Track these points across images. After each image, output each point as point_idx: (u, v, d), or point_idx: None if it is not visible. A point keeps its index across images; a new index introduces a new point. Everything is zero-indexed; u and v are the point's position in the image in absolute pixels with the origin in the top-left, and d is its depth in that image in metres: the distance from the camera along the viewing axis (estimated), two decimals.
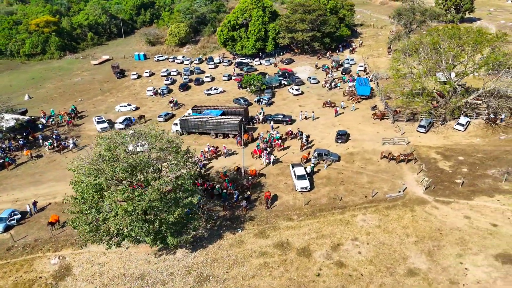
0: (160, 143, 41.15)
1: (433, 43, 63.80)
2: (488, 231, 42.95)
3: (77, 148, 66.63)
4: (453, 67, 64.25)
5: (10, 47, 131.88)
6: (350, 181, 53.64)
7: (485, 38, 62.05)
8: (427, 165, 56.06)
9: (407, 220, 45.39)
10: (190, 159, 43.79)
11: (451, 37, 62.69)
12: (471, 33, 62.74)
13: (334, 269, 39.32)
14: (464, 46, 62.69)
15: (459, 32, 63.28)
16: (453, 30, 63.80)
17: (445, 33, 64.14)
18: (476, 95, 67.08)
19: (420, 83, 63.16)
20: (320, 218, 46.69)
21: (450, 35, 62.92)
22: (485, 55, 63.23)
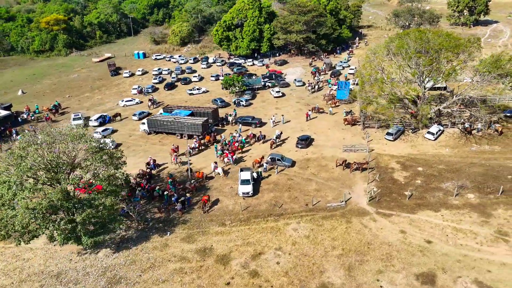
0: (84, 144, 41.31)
1: (399, 47, 60.97)
2: (420, 247, 40.62)
3: None
4: (421, 73, 61.21)
5: (21, 43, 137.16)
6: (297, 188, 52.20)
7: (453, 43, 58.62)
8: (382, 174, 53.81)
9: (339, 231, 43.64)
10: (117, 160, 43.77)
11: (418, 41, 59.59)
12: (439, 37, 59.42)
13: (246, 278, 38.31)
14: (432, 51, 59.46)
15: (426, 36, 60.06)
16: (420, 34, 60.63)
17: (413, 36, 61.09)
18: (449, 103, 63.70)
19: (382, 88, 60.44)
20: (252, 225, 45.67)
21: (417, 38, 59.83)
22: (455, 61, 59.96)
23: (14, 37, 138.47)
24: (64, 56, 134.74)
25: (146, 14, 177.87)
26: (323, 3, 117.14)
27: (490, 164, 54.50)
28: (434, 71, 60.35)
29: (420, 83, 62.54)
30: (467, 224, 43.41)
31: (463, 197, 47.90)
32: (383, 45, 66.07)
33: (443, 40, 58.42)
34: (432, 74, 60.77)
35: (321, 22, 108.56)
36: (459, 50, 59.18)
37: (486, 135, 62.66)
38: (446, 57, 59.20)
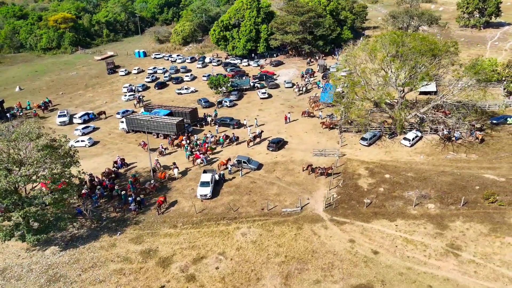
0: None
1: (372, 50, 59.13)
2: (365, 258, 39.29)
3: None
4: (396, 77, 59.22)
5: (30, 41, 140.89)
6: (258, 191, 51.47)
7: (427, 47, 56.39)
8: (347, 180, 52.46)
9: (287, 238, 42.72)
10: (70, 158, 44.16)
11: (392, 44, 57.64)
12: (414, 41, 57.27)
13: (182, 282, 37.97)
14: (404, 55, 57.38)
15: (401, 39, 58.01)
16: (395, 37, 58.61)
17: (387, 39, 59.13)
18: (426, 109, 61.47)
19: (355, 92, 58.77)
20: (203, 228, 45.28)
21: (391, 41, 57.88)
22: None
23: (23, 35, 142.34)
24: (69, 54, 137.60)
25: (156, 13, 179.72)
26: (323, 3, 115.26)
27: (461, 174, 52.26)
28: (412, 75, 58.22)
29: (396, 87, 60.51)
30: (420, 235, 41.71)
31: (422, 207, 46.09)
32: (360, 48, 64.30)
33: (417, 44, 56.26)
34: (406, 79, 58.68)
35: (318, 22, 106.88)
36: (434, 54, 56.86)
37: (466, 142, 60.16)
38: (419, 61, 56.97)
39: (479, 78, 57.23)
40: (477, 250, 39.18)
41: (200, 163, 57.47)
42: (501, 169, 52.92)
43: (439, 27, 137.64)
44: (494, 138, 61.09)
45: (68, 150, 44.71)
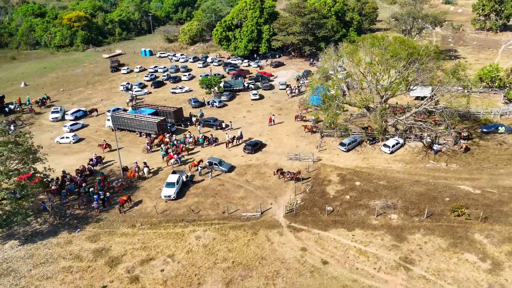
0: None
1: (350, 53, 57.33)
2: (312, 268, 38.13)
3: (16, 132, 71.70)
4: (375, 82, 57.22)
5: (44, 38, 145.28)
6: (224, 194, 50.95)
7: (406, 51, 54.11)
8: (316, 186, 51.21)
9: (240, 243, 42.01)
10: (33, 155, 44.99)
11: (370, 48, 55.71)
12: (393, 45, 55.07)
13: (124, 283, 37.92)
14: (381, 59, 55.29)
15: (379, 42, 55.94)
16: (373, 40, 56.61)
17: (366, 43, 57.20)
18: (410, 114, 59.20)
19: (328, 97, 57.16)
20: (160, 229, 45.16)
21: (371, 45, 55.94)
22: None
23: (39, 32, 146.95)
24: (81, 51, 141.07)
25: (171, 12, 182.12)
26: (328, 4, 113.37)
27: (435, 184, 50.01)
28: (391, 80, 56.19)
29: (377, 92, 58.51)
30: (375, 247, 40.12)
31: (385, 217, 44.34)
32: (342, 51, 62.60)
33: (395, 48, 54.12)
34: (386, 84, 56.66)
35: (321, 24, 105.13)
36: (414, 59, 54.65)
37: (450, 151, 57.62)
38: (395, 66, 54.82)
39: (462, 84, 54.55)
40: (431, 266, 37.29)
41: (173, 163, 57.44)
42: (480, 180, 50.33)
43: (453, 29, 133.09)
44: (481, 148, 58.23)
45: (30, 147, 45.45)
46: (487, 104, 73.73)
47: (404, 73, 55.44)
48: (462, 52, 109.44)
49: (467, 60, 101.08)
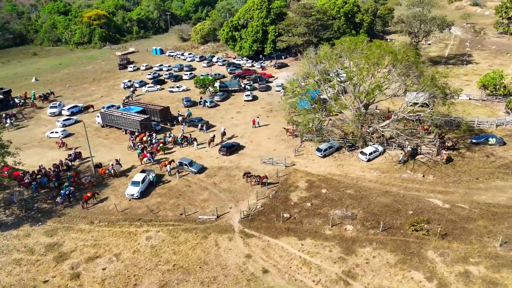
0: None
1: (324, 56, 55.43)
2: (251, 276, 37.22)
3: (13, 127, 74.51)
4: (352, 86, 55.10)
5: (65, 35, 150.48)
6: (187, 195, 50.72)
7: (378, 55, 51.56)
8: (280, 192, 50.05)
9: (187, 246, 41.63)
10: None
11: (346, 51, 53.61)
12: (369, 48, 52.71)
13: (64, 279, 38.41)
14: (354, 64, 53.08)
15: (354, 46, 53.70)
16: (349, 44, 54.40)
17: (344, 46, 55.08)
18: (388, 122, 56.65)
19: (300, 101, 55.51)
20: (115, 228, 45.45)
21: (346, 48, 53.83)
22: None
23: (60, 30, 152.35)
24: (98, 49, 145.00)
25: (191, 12, 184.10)
26: (337, 5, 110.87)
27: (404, 196, 47.63)
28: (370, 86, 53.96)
29: (354, 98, 56.36)
30: (321, 258, 38.63)
31: (341, 228, 42.62)
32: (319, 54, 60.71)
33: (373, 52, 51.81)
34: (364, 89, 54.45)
35: (327, 25, 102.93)
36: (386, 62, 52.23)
37: (431, 161, 54.79)
38: (368, 71, 52.49)
39: (440, 92, 51.69)
40: (372, 282, 35.46)
41: (146, 162, 57.79)
42: (453, 194, 47.51)
43: (473, 32, 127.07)
44: (465, 159, 55.00)
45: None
46: (487, 113, 69.67)
47: (378, 79, 53.04)
48: (477, 56, 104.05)
49: (480, 65, 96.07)
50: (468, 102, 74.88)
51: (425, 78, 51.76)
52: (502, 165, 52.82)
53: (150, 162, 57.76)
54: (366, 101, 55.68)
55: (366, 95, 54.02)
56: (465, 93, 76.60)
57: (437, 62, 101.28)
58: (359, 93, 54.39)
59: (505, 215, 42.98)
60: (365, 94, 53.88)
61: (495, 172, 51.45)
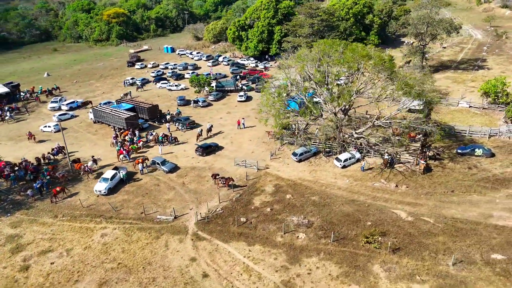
0: None
1: (298, 59, 53.89)
2: (190, 280, 36.82)
3: (13, 120, 77.42)
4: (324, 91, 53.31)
5: (85, 33, 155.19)
6: (154, 194, 50.89)
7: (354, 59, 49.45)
8: (245, 195, 49.33)
9: (138, 245, 41.69)
10: None
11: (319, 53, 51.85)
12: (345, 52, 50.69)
13: (14, 271, 39.28)
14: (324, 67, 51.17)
15: (330, 48, 51.84)
16: (323, 46, 52.53)
17: (317, 48, 53.32)
18: (366, 128, 54.55)
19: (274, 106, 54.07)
20: (76, 223, 46.18)
21: (322, 52, 52.07)
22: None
23: (81, 27, 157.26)
24: (115, 46, 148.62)
25: (210, 11, 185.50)
26: (346, 6, 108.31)
27: (369, 205, 45.73)
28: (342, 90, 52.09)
29: (324, 103, 54.50)
30: (264, 266, 37.66)
31: (293, 235, 41.42)
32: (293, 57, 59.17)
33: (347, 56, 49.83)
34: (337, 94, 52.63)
35: (333, 26, 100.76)
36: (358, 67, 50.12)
37: (409, 171, 52.40)
38: (338, 75, 50.55)
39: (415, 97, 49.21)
40: None
41: (122, 159, 58.47)
42: (422, 206, 45.17)
43: (495, 36, 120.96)
44: (445, 170, 52.24)
45: None
46: (485, 122, 65.96)
47: (348, 84, 51.12)
48: (491, 62, 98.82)
49: (492, 71, 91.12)
50: (467, 109, 71.16)
51: (398, 84, 49.28)
52: (483, 178, 49.77)
53: (126, 159, 58.38)
54: (343, 106, 53.84)
55: (340, 99, 52.17)
56: (465, 100, 73.08)
57: (447, 67, 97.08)
58: (332, 97, 52.60)
59: (470, 232, 40.41)
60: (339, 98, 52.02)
61: (474, 185, 48.53)
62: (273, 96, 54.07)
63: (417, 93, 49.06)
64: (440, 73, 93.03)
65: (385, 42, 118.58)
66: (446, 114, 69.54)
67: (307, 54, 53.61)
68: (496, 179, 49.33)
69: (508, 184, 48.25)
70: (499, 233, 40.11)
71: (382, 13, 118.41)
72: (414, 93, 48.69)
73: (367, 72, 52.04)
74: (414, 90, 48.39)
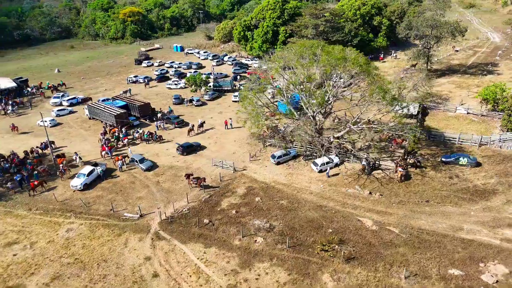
0: None
1: (273, 61, 52.93)
2: (139, 279, 36.98)
3: (14, 114, 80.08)
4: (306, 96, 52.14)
5: (102, 31, 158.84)
6: (127, 192, 51.40)
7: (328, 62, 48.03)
8: (216, 197, 49.10)
9: (98, 242, 42.17)
10: None
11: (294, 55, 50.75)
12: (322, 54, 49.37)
13: None
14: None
15: (306, 50, 50.62)
16: (300, 49, 51.31)
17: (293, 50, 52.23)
18: (344, 132, 53.16)
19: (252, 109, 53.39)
20: (47, 217, 47.14)
21: (298, 53, 50.96)
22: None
23: (98, 25, 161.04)
24: (129, 44, 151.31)
25: (226, 10, 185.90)
26: (354, 7, 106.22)
27: (337, 212, 44.56)
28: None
29: (307, 107, 53.38)
30: (214, 269, 37.33)
31: (251, 239, 40.85)
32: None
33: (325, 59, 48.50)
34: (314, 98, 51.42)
35: (338, 27, 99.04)
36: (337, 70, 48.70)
37: (387, 178, 50.78)
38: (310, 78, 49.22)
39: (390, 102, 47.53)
40: None
41: (105, 155, 59.36)
42: (391, 216, 43.65)
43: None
44: (424, 179, 50.32)
45: None
46: (481, 129, 63.15)
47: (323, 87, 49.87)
48: (503, 67, 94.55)
49: (502, 76, 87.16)
50: (465, 116, 68.32)
51: (371, 88, 47.63)
52: (462, 189, 47.61)
53: (108, 156, 59.23)
54: (322, 109, 52.69)
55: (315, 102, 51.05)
56: (464, 106, 70.27)
57: (455, 71, 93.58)
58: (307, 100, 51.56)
59: (433, 244, 38.72)
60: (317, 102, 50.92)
61: (451, 195, 46.50)
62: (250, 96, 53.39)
63: (392, 97, 47.32)
64: (446, 77, 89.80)
65: (396, 44, 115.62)
66: (441, 121, 67.06)
67: (282, 57, 52.68)
68: (476, 190, 47.09)
69: (488, 196, 45.97)
70: (464, 247, 38.24)
71: (394, 14, 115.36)
72: (387, 97, 46.97)
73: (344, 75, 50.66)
74: (387, 94, 46.67)
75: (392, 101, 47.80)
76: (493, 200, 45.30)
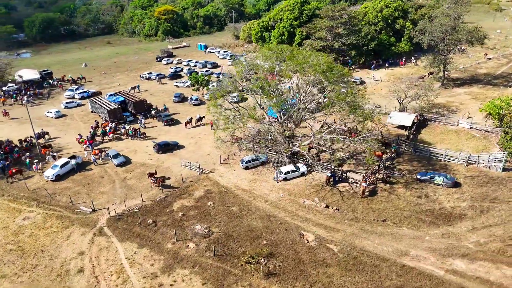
0: None
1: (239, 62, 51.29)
2: (64, 272, 37.82)
3: (29, 104, 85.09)
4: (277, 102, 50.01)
5: (137, 28, 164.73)
6: (94, 185, 52.75)
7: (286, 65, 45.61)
8: (171, 198, 49.08)
9: (46, 232, 43.60)
10: None
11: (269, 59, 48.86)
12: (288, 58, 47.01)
13: None
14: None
15: (272, 54, 48.49)
16: (262, 52, 49.26)
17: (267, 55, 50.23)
18: (309, 141, 50.66)
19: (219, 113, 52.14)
20: (12, 203, 49.44)
21: (266, 57, 49.09)
22: None
23: (135, 22, 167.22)
24: (160, 41, 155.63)
25: (262, 10, 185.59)
26: (376, 9, 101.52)
27: (283, 223, 42.70)
28: None
29: (280, 114, 51.31)
30: (137, 270, 37.23)
31: (184, 243, 40.27)
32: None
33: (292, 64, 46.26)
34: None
35: (355, 30, 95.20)
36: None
37: (350, 192, 47.94)
38: (268, 83, 47.01)
39: (351, 111, 44.49)
40: None
41: (85, 148, 61.36)
42: (337, 232, 41.10)
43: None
44: (390, 196, 46.84)
45: None
46: (479, 147, 57.76)
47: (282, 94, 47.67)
48: None
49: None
50: (467, 131, 62.78)
51: (337, 94, 44.80)
52: (427, 210, 43.71)
53: (89, 149, 61.15)
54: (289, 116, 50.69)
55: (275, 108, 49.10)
56: (467, 120, 64.73)
57: (478, 81, 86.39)
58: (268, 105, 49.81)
59: (368, 268, 35.88)
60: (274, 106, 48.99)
61: (411, 216, 42.86)
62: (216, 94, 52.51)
63: (352, 107, 44.35)
64: (465, 87, 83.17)
65: (422, 50, 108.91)
66: (438, 134, 62.20)
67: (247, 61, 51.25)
68: (441, 214, 43.01)
69: (453, 221, 41.81)
70: (401, 274, 35.05)
71: (425, 17, 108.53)
72: (346, 107, 44.08)
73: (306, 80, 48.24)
74: (345, 103, 43.80)
75: (353, 111, 44.79)
76: (457, 225, 41.14)
